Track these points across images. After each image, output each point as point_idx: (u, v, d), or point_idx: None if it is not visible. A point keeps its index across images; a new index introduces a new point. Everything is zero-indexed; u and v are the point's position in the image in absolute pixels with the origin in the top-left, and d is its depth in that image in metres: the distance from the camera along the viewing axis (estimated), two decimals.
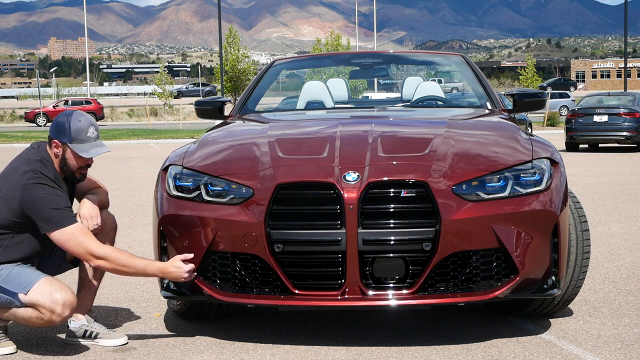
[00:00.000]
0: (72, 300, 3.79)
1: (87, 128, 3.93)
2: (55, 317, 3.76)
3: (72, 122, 3.92)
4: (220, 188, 3.92)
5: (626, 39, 39.02)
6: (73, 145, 3.91)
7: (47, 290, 3.76)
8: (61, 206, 3.82)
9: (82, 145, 3.92)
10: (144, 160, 18.79)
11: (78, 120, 3.93)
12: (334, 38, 46.76)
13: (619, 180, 12.44)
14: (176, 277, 3.86)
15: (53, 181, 3.88)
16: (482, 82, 5.60)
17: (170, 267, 3.85)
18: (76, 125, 3.91)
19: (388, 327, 4.24)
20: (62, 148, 3.93)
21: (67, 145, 3.92)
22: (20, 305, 3.79)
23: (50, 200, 3.81)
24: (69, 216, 3.84)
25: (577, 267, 4.19)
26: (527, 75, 43.36)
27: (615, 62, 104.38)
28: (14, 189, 3.83)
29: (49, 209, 3.79)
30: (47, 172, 3.89)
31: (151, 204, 4.33)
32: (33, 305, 3.77)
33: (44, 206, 3.79)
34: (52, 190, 3.84)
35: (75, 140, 3.91)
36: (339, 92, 5.94)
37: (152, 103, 53.77)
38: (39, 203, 3.80)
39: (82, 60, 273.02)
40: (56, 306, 3.74)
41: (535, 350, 3.83)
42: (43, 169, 3.89)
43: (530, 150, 4.06)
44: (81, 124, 3.92)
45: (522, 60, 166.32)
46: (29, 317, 3.80)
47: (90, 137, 3.94)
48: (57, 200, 3.83)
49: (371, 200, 3.70)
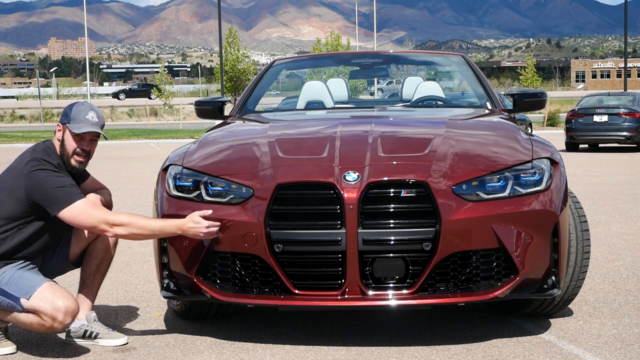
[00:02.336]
0: (74, 309, 3.79)
1: (87, 111, 4.01)
2: (56, 324, 3.76)
3: (75, 106, 4.06)
4: (220, 188, 3.92)
5: (626, 39, 39.01)
6: (70, 125, 3.98)
7: (50, 297, 3.75)
8: (67, 184, 3.85)
9: (78, 124, 3.97)
10: (144, 160, 18.78)
11: (81, 104, 4.06)
12: (334, 38, 46.73)
13: (619, 180, 12.43)
14: (195, 233, 3.78)
15: (55, 167, 3.92)
16: (482, 82, 5.60)
17: (189, 222, 3.78)
18: (77, 108, 4.03)
19: (388, 327, 4.24)
20: (62, 130, 4.01)
21: (66, 125, 3.99)
22: (22, 310, 3.79)
23: (54, 180, 3.84)
24: (76, 192, 3.86)
25: (577, 267, 4.19)
26: (527, 75, 43.35)
27: (615, 62, 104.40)
28: (18, 179, 3.87)
29: (55, 189, 3.82)
30: (50, 159, 3.93)
31: (151, 204, 4.33)
32: (35, 311, 3.76)
33: (49, 187, 3.82)
34: (54, 173, 3.88)
35: (74, 120, 3.99)
36: (339, 92, 5.94)
37: (152, 103, 53.75)
38: (44, 185, 3.82)
39: (82, 60, 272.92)
40: (58, 314, 3.74)
41: (535, 350, 3.83)
42: (46, 157, 3.93)
43: (530, 150, 4.06)
44: (82, 107, 4.04)
45: (522, 60, 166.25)
46: (30, 322, 3.80)
47: (89, 120, 4.00)
48: (61, 179, 3.86)
49: (371, 200, 3.70)
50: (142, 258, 6.48)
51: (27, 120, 52.80)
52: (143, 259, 6.42)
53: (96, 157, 4.04)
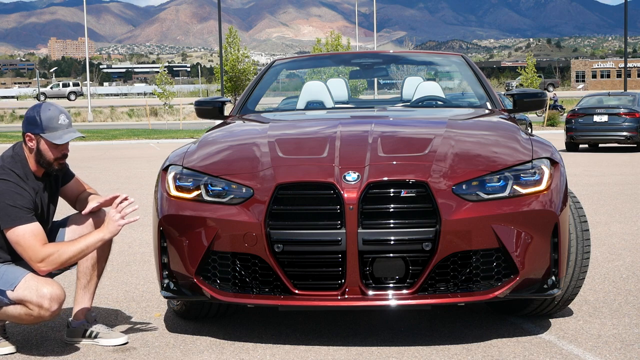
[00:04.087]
0: (59, 294, 3.75)
1: (58, 116, 3.91)
2: (43, 312, 3.73)
3: (42, 112, 3.89)
4: (220, 188, 3.92)
5: (626, 39, 39.02)
6: (46, 135, 3.87)
7: (34, 286, 3.73)
8: (17, 204, 3.78)
9: (54, 133, 3.89)
10: (144, 160, 18.78)
11: (47, 110, 3.90)
12: (334, 38, 46.77)
13: (619, 180, 12.44)
14: (115, 227, 3.86)
15: (19, 177, 3.85)
16: (482, 82, 5.60)
17: (107, 225, 3.84)
18: (46, 115, 3.88)
19: (388, 327, 4.24)
20: (35, 140, 3.90)
21: (40, 136, 3.88)
22: (9, 303, 3.77)
23: (8, 196, 3.77)
24: (25, 216, 3.78)
25: (577, 267, 4.19)
26: (527, 75, 43.39)
27: (615, 62, 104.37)
28: None
29: (5, 205, 3.76)
30: (15, 167, 3.87)
31: (151, 204, 4.33)
32: (21, 301, 3.74)
33: (3, 200, 3.77)
34: (15, 187, 3.80)
35: (48, 129, 3.88)
36: (339, 92, 5.94)
37: (152, 103, 53.77)
38: (1, 197, 3.77)
39: (82, 60, 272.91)
40: (43, 300, 3.71)
41: (535, 350, 3.83)
42: (12, 165, 3.87)
43: (530, 150, 4.06)
44: (51, 112, 3.89)
45: (522, 60, 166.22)
46: (19, 314, 3.78)
47: (62, 125, 3.91)
48: (15, 198, 3.78)
49: (371, 200, 3.69)
50: (142, 258, 6.48)
51: None
52: (143, 259, 6.42)
53: (96, 157, 4.05)
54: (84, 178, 4.28)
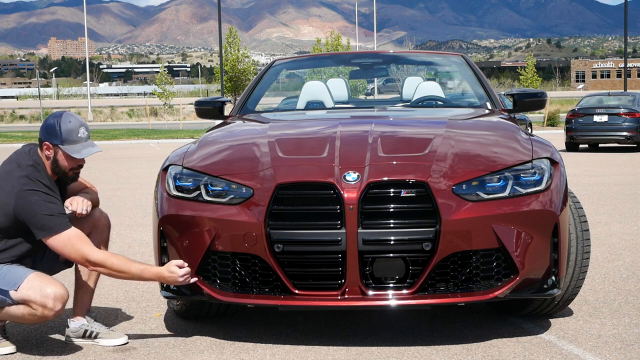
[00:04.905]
0: (62, 294, 3.76)
1: (78, 129, 3.91)
2: (47, 311, 3.74)
3: (62, 124, 3.89)
4: (220, 188, 3.92)
5: (626, 39, 39.02)
6: (64, 147, 3.88)
7: (37, 285, 3.74)
8: (54, 212, 3.80)
9: (73, 146, 3.89)
10: (144, 160, 18.78)
11: (68, 122, 3.90)
12: (334, 38, 46.79)
13: (619, 180, 12.44)
14: (171, 281, 3.88)
15: (47, 187, 3.87)
16: (482, 82, 5.60)
17: (165, 272, 3.86)
18: (67, 127, 3.88)
19: (388, 327, 4.24)
20: (53, 150, 3.90)
21: (59, 147, 3.89)
22: (12, 303, 3.77)
23: (44, 206, 3.79)
24: (63, 222, 3.82)
25: (577, 267, 4.19)
26: (527, 75, 43.39)
27: (615, 62, 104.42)
28: (8, 195, 3.80)
29: (43, 216, 3.78)
30: (40, 177, 3.87)
31: (151, 204, 4.33)
32: (24, 301, 3.75)
33: (38, 213, 3.78)
34: (46, 197, 3.82)
35: (67, 142, 3.88)
36: (339, 92, 5.94)
37: (152, 103, 53.77)
38: (33, 210, 3.78)
39: (82, 60, 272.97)
40: (47, 300, 3.72)
41: (535, 350, 3.83)
42: (37, 175, 3.87)
43: (530, 150, 4.06)
44: (71, 124, 3.90)
45: (522, 60, 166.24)
46: (22, 314, 3.78)
47: (81, 138, 3.92)
48: (50, 207, 3.81)
49: (371, 200, 3.69)
50: (142, 258, 6.47)
51: (27, 120, 52.84)
52: (143, 259, 6.42)
53: (96, 157, 4.04)
54: (84, 178, 4.29)
